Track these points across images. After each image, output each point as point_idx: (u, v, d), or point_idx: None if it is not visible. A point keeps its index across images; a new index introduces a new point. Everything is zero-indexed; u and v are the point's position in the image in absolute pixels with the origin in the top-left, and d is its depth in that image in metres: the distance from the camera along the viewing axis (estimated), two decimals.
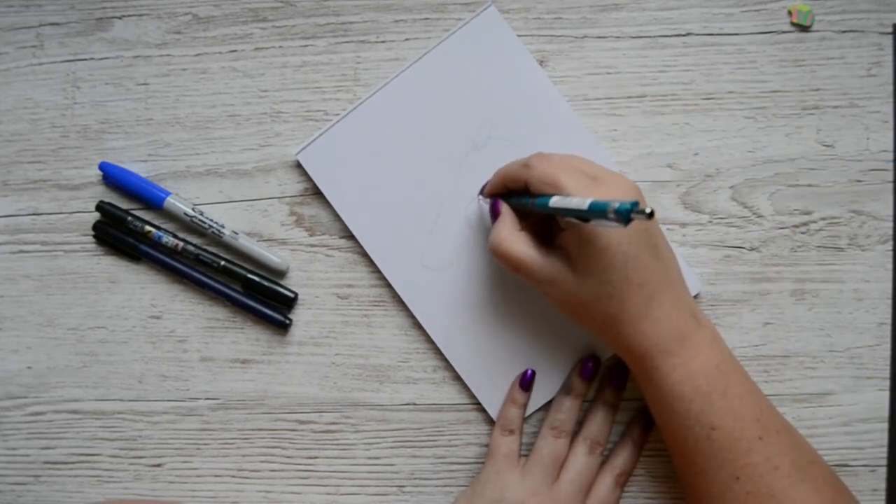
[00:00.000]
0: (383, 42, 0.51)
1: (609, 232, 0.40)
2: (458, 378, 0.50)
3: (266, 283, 0.50)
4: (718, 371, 0.42)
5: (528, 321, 0.49)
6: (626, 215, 0.34)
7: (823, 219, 0.49)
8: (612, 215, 0.35)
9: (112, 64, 0.52)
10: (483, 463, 0.49)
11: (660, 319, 0.41)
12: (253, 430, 0.51)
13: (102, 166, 0.51)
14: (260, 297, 0.51)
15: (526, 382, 0.49)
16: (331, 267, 0.51)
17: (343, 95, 0.51)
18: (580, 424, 0.49)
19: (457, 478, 0.50)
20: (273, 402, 0.51)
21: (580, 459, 0.47)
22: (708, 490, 0.42)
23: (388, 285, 0.50)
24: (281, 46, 0.51)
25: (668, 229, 0.50)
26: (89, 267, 0.52)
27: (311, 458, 0.51)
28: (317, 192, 0.51)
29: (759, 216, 0.50)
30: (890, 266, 0.49)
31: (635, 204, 0.33)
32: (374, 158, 0.50)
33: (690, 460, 0.42)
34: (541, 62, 0.50)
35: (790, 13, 0.50)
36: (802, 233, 0.49)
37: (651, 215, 0.33)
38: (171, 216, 0.51)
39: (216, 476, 0.51)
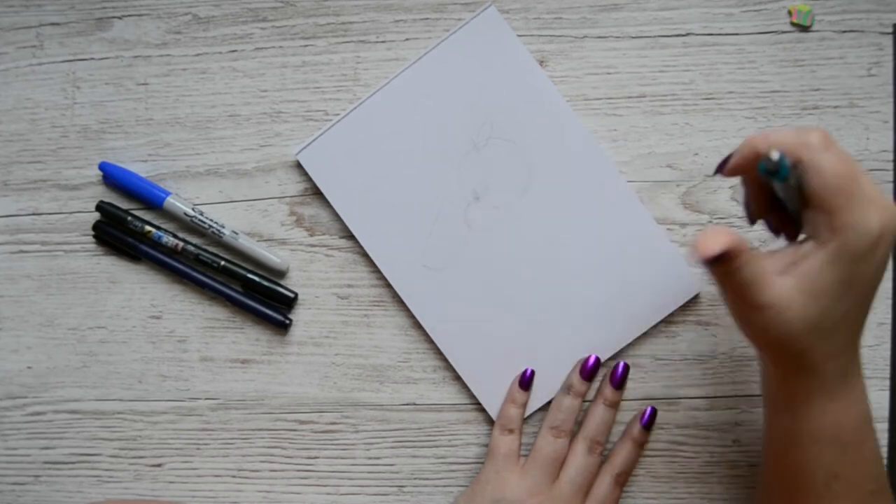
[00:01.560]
0: (383, 42, 0.51)
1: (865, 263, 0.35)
2: (458, 378, 0.50)
3: (266, 283, 0.50)
4: (865, 423, 0.39)
5: (528, 321, 0.49)
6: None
7: None
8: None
9: (112, 64, 0.52)
10: (483, 463, 0.49)
11: (835, 356, 0.38)
12: (253, 430, 0.51)
13: (102, 166, 0.51)
14: (260, 297, 0.51)
15: (525, 382, 0.49)
16: (331, 267, 0.51)
17: (343, 95, 0.51)
18: (580, 424, 0.49)
19: (457, 478, 0.50)
20: (273, 402, 0.51)
21: (580, 459, 0.47)
22: None
23: (388, 285, 0.50)
24: (281, 46, 0.51)
25: (668, 229, 0.50)
26: (89, 267, 0.52)
27: (311, 458, 0.51)
28: (317, 192, 0.51)
29: None
30: (890, 266, 0.49)
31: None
32: (374, 158, 0.50)
33: (792, 498, 0.41)
34: (541, 62, 0.50)
35: (790, 13, 0.50)
36: None
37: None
38: (171, 216, 0.51)
39: (216, 476, 0.51)
